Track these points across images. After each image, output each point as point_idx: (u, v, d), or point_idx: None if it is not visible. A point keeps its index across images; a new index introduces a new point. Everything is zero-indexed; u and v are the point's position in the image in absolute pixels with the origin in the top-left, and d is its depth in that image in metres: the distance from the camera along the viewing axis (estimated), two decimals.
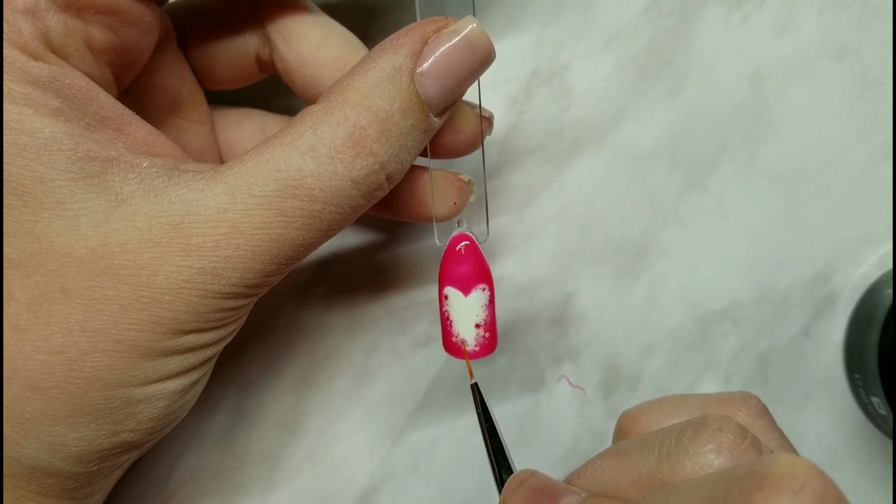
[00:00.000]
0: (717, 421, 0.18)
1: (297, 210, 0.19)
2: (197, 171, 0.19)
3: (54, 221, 0.18)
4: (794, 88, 0.31)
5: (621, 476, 0.19)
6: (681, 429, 0.19)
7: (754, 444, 0.18)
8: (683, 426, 0.19)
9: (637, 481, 0.19)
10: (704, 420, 0.18)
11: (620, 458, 0.19)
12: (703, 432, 0.18)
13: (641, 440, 0.19)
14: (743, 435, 0.18)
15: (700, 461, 0.18)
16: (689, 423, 0.19)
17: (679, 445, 0.18)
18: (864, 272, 0.31)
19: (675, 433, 0.19)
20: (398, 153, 0.20)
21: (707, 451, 0.18)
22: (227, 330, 0.21)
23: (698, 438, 0.18)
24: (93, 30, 0.20)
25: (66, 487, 0.21)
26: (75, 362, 0.19)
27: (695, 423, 0.19)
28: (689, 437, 0.18)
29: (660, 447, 0.18)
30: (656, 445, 0.19)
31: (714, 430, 0.18)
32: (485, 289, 0.24)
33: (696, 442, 0.18)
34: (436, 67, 0.20)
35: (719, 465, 0.18)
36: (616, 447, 0.20)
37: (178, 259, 0.19)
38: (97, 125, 0.19)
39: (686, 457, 0.18)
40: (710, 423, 0.18)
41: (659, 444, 0.19)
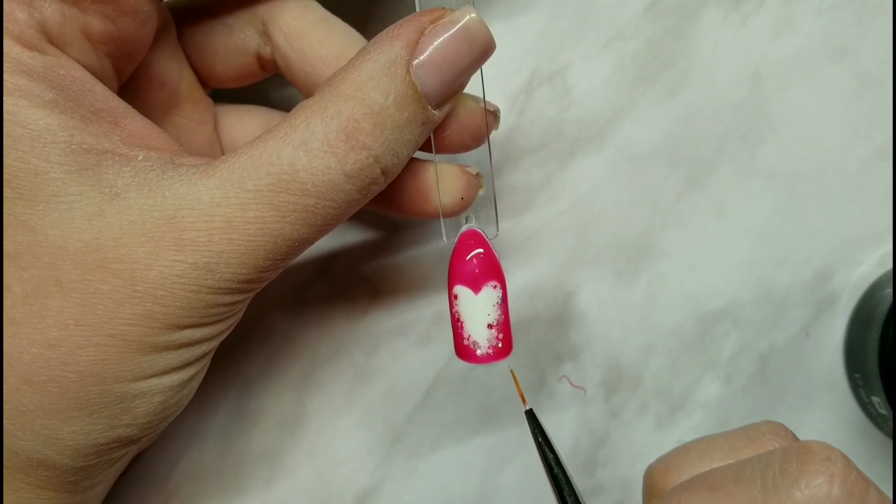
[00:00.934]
0: (823, 450, 0.18)
1: (290, 204, 0.19)
2: (191, 165, 0.19)
3: (49, 214, 0.18)
4: (794, 89, 0.31)
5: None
6: (781, 458, 0.18)
7: (861, 476, 0.17)
8: (783, 456, 0.18)
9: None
10: (808, 449, 0.18)
11: (714, 492, 0.18)
12: (811, 462, 0.17)
13: (734, 471, 0.18)
14: (849, 465, 0.17)
15: (814, 493, 0.17)
16: (789, 453, 0.18)
17: (787, 477, 0.17)
18: (864, 272, 0.32)
19: (776, 463, 0.18)
20: (394, 147, 0.20)
21: (821, 484, 0.17)
22: (224, 325, 0.21)
23: (808, 469, 0.17)
24: (90, 19, 0.19)
25: (64, 480, 0.21)
26: (70, 356, 0.19)
27: (798, 453, 0.18)
28: (796, 468, 0.17)
29: (762, 479, 0.18)
30: (758, 477, 0.18)
31: (823, 460, 0.17)
32: (496, 286, 0.23)
33: (807, 473, 0.17)
34: (433, 58, 0.20)
35: (835, 496, 0.17)
36: (703, 480, 0.19)
37: (172, 254, 0.19)
38: (92, 117, 0.19)
39: (797, 489, 0.17)
40: (817, 451, 0.18)
41: (761, 475, 0.18)
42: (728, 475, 0.18)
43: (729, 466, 0.19)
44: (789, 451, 0.18)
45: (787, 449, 0.18)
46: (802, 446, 0.18)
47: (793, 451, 0.18)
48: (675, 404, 0.31)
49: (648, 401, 0.31)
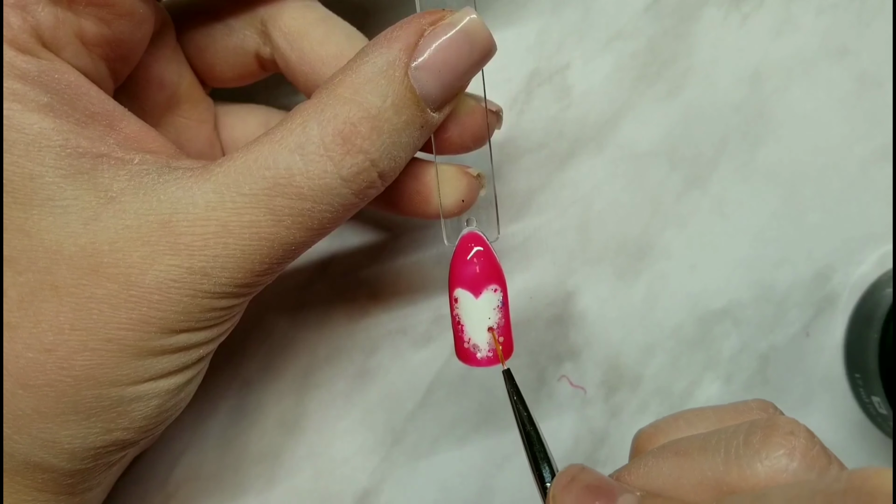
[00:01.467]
0: (786, 424, 0.18)
1: (286, 208, 0.19)
2: (187, 169, 0.19)
3: (44, 218, 0.18)
4: (794, 89, 0.31)
5: (682, 477, 0.18)
6: (747, 430, 0.18)
7: (824, 450, 0.17)
8: (749, 428, 0.18)
9: (700, 483, 0.18)
10: (773, 422, 0.18)
11: (680, 458, 0.19)
12: (774, 435, 0.18)
13: (701, 440, 0.19)
14: (813, 440, 0.18)
15: (774, 465, 0.17)
16: (755, 425, 0.18)
17: (749, 448, 0.18)
18: (863, 271, 0.32)
19: (741, 434, 0.18)
20: (391, 150, 0.20)
21: (781, 456, 0.17)
22: (220, 329, 0.21)
23: (770, 441, 0.17)
24: (84, 22, 0.19)
25: (62, 483, 0.21)
26: (66, 361, 0.19)
27: (763, 426, 0.18)
28: (759, 440, 0.18)
29: (727, 449, 0.18)
30: (721, 447, 0.18)
31: (786, 434, 0.18)
32: (497, 290, 0.23)
33: (769, 445, 0.17)
34: (432, 61, 0.20)
35: (794, 469, 0.17)
36: (672, 446, 0.19)
37: (167, 258, 0.18)
38: (87, 121, 0.19)
39: (758, 460, 0.17)
40: (781, 426, 0.18)
41: (725, 445, 0.18)
42: (695, 443, 0.19)
43: (698, 435, 0.19)
44: (755, 424, 0.18)
45: (754, 422, 0.18)
46: (769, 420, 0.18)
47: (758, 424, 0.18)
48: (676, 404, 0.31)
49: (648, 400, 0.31)
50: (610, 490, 0.18)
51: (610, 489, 0.18)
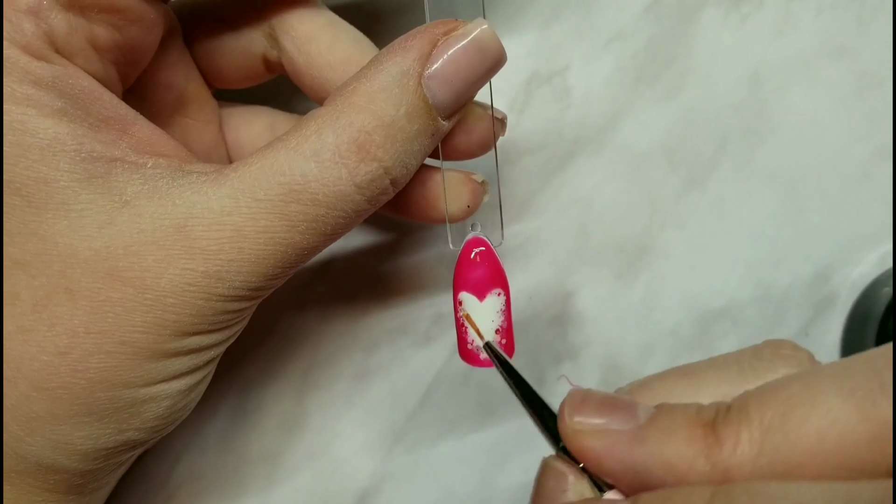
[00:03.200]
0: (788, 342, 0.18)
1: (301, 214, 0.19)
2: (201, 173, 0.19)
3: (59, 222, 0.18)
4: (793, 89, 0.31)
5: (697, 394, 0.18)
6: (755, 349, 0.18)
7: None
8: (756, 348, 0.18)
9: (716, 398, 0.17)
10: (777, 341, 0.18)
11: (689, 377, 0.18)
12: (783, 348, 0.18)
13: (707, 363, 0.18)
14: (814, 357, 0.18)
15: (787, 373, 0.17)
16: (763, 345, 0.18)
17: (762, 360, 0.18)
18: (863, 271, 0.32)
19: (748, 353, 0.18)
20: (403, 158, 0.20)
21: (793, 366, 0.17)
22: (231, 331, 0.21)
23: (782, 353, 0.18)
24: (97, 28, 0.20)
25: (72, 483, 0.21)
26: (80, 363, 0.19)
27: (770, 344, 0.18)
28: (770, 353, 0.18)
29: (738, 364, 0.18)
30: (732, 363, 0.18)
31: (792, 348, 0.18)
32: (500, 293, 0.24)
33: (781, 357, 0.18)
34: (444, 71, 0.20)
35: None
36: (675, 370, 0.19)
37: (182, 262, 0.19)
38: (101, 125, 0.19)
39: (773, 371, 0.17)
40: (785, 343, 0.18)
41: (735, 362, 0.18)
42: (702, 365, 0.19)
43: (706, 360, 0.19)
44: (763, 345, 0.18)
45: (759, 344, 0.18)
46: (774, 341, 0.18)
47: (762, 345, 0.18)
48: None
49: None
50: (628, 402, 0.18)
51: (627, 401, 0.18)
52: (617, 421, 0.17)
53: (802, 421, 0.15)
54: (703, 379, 0.18)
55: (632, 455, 0.16)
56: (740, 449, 0.15)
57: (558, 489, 0.18)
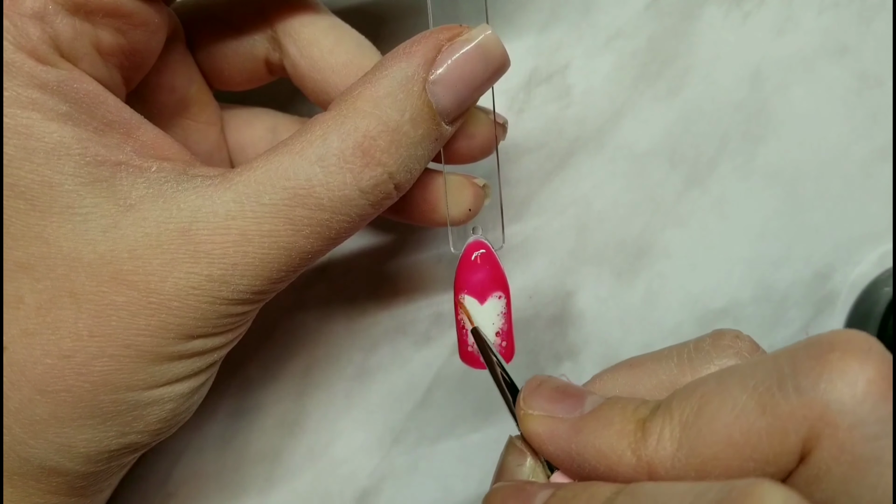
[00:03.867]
0: (730, 332, 0.19)
1: (305, 219, 0.19)
2: (206, 177, 0.19)
3: (63, 226, 0.18)
4: (794, 88, 0.31)
5: (637, 384, 0.19)
6: (696, 340, 0.19)
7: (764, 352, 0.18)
8: (698, 339, 0.19)
9: (656, 387, 0.19)
10: (719, 331, 0.19)
11: (634, 369, 0.19)
12: (723, 339, 0.19)
13: (653, 354, 0.20)
14: (755, 345, 0.19)
15: (725, 364, 0.18)
16: (704, 336, 0.19)
17: (700, 352, 0.19)
18: (862, 271, 0.32)
19: (690, 344, 0.19)
20: (407, 163, 0.20)
21: (730, 356, 0.18)
22: (234, 334, 0.21)
23: (720, 344, 0.19)
24: (101, 33, 0.19)
25: (75, 486, 0.21)
26: (84, 367, 0.19)
27: (711, 335, 0.19)
28: (709, 345, 0.19)
29: (678, 355, 0.19)
30: (674, 354, 0.19)
31: (733, 338, 0.19)
32: (501, 296, 0.24)
33: (718, 347, 0.18)
34: (448, 76, 0.20)
35: None
36: (625, 362, 0.20)
37: (187, 266, 0.19)
38: (105, 129, 0.19)
39: (709, 361, 0.18)
40: (726, 333, 0.19)
41: (677, 354, 0.19)
42: (647, 356, 0.20)
43: (650, 353, 0.20)
44: (704, 336, 0.19)
45: (702, 336, 0.19)
46: (715, 331, 0.19)
47: (707, 335, 0.19)
48: None
49: None
50: (577, 392, 0.19)
51: (577, 391, 0.19)
52: (563, 409, 0.19)
53: (713, 416, 0.16)
54: (645, 370, 0.19)
55: (569, 442, 0.18)
56: (661, 444, 0.16)
57: (515, 463, 0.20)
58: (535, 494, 0.18)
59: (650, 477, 0.16)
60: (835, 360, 0.15)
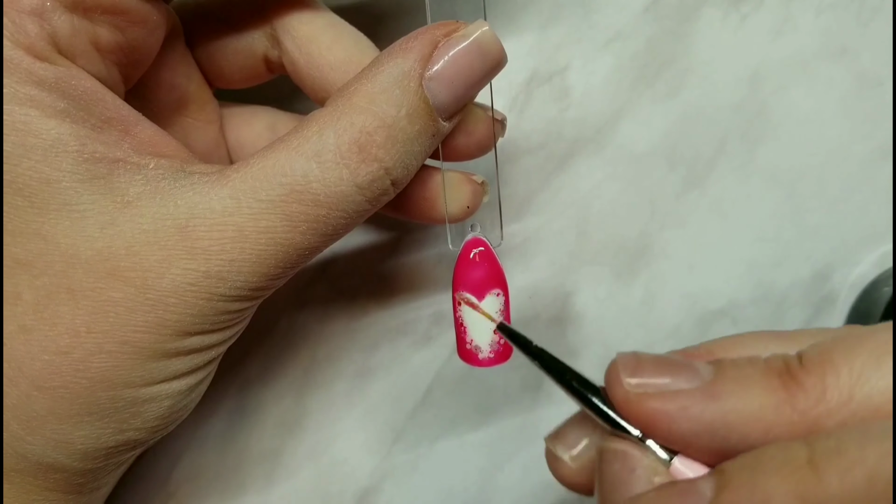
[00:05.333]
0: None
1: (302, 215, 0.19)
2: (203, 174, 0.19)
3: (61, 222, 0.18)
4: (793, 89, 0.31)
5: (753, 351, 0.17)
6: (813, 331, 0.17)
7: None
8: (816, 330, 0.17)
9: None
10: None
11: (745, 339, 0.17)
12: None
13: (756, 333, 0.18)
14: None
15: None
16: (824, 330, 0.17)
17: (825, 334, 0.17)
18: (862, 271, 0.32)
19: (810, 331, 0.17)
20: (404, 159, 0.20)
21: None
22: (232, 331, 0.21)
23: None
24: (100, 30, 0.20)
25: (72, 482, 0.21)
26: (81, 363, 0.19)
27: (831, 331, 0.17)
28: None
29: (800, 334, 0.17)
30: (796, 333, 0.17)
31: None
32: (499, 294, 0.24)
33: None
34: (445, 72, 0.20)
35: None
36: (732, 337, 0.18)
37: (184, 262, 0.19)
38: (103, 126, 0.19)
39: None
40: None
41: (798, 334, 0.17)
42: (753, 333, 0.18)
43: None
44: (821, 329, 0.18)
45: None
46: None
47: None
48: None
49: None
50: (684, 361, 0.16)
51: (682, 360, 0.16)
52: (682, 380, 0.16)
53: (881, 360, 0.14)
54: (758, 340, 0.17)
55: (709, 412, 0.15)
56: (829, 395, 0.15)
57: (626, 471, 0.16)
58: (695, 490, 0.15)
59: (815, 433, 0.14)
60: None
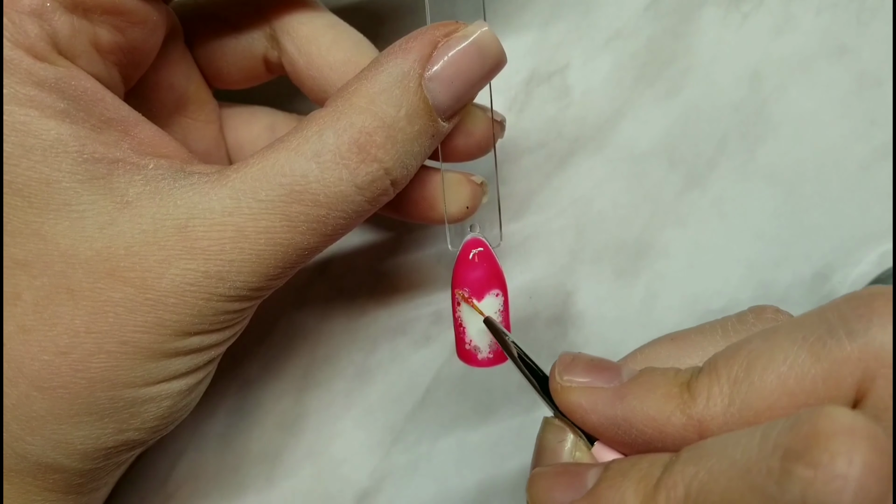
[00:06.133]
0: (770, 307, 0.19)
1: (301, 215, 0.19)
2: (202, 174, 0.20)
3: (60, 223, 0.18)
4: (793, 88, 0.31)
5: (682, 356, 0.19)
6: (737, 315, 0.19)
7: None
8: (740, 314, 0.19)
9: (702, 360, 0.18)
10: (759, 307, 0.19)
11: (678, 342, 0.20)
12: (765, 312, 0.19)
13: (695, 329, 0.20)
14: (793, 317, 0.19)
15: None
16: (744, 312, 0.20)
17: (744, 324, 0.19)
18: (862, 271, 0.32)
19: (732, 318, 0.19)
20: (404, 159, 0.20)
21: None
22: (232, 331, 0.21)
23: (763, 317, 0.19)
24: (99, 30, 0.20)
25: (72, 483, 0.21)
26: (81, 363, 0.19)
27: (752, 308, 0.19)
28: (753, 317, 0.19)
29: (723, 328, 0.19)
30: (717, 328, 0.19)
31: (774, 311, 0.19)
32: (498, 294, 0.24)
33: (763, 319, 0.19)
34: (444, 72, 0.20)
35: None
36: (665, 337, 0.20)
37: (183, 262, 0.19)
38: (103, 126, 0.19)
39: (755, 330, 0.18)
40: (766, 307, 0.19)
41: (721, 326, 0.19)
42: (689, 331, 0.20)
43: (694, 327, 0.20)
44: (743, 311, 0.20)
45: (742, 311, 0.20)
46: (756, 307, 0.20)
47: (747, 311, 0.20)
48: None
49: None
50: (612, 364, 0.19)
51: (612, 364, 0.19)
52: (601, 380, 0.19)
53: (764, 370, 0.16)
54: (689, 342, 0.19)
55: (613, 409, 0.18)
56: (712, 401, 0.17)
57: (556, 440, 0.20)
58: (584, 474, 0.18)
59: (701, 435, 0.17)
60: (881, 307, 0.16)
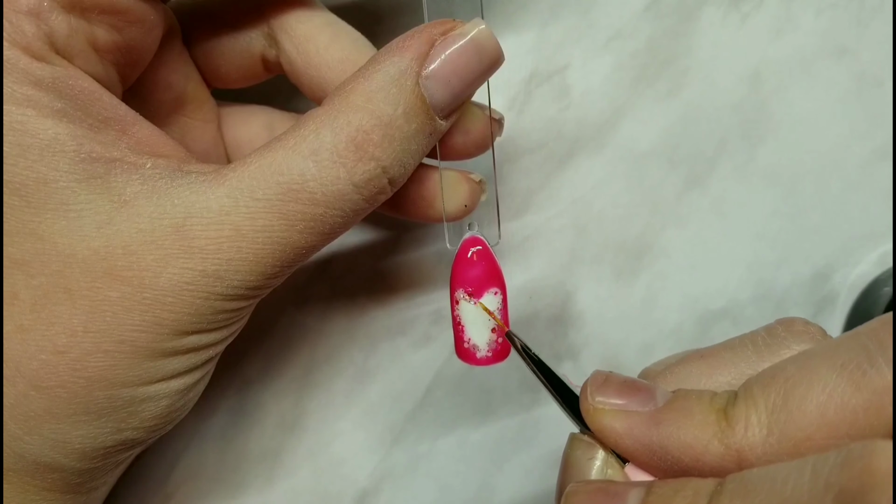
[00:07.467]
0: (799, 319, 0.19)
1: (299, 214, 0.19)
2: (200, 173, 0.19)
3: (57, 222, 0.18)
4: (793, 88, 0.31)
5: (714, 374, 0.19)
6: (768, 328, 0.19)
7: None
8: (769, 327, 0.19)
9: (736, 378, 0.18)
10: (788, 319, 0.19)
11: (708, 360, 0.19)
12: (794, 325, 0.19)
13: (724, 344, 0.20)
14: (824, 331, 0.19)
15: (802, 349, 0.18)
16: (776, 324, 0.19)
17: (776, 339, 0.19)
18: (862, 271, 0.32)
19: (761, 332, 0.19)
20: (401, 157, 0.20)
21: (807, 341, 0.18)
22: (230, 330, 0.21)
23: (794, 330, 0.19)
24: (97, 30, 0.20)
25: (70, 482, 0.21)
26: (79, 362, 0.19)
27: (779, 323, 0.19)
28: (783, 331, 0.19)
29: (753, 344, 0.19)
30: (748, 343, 0.19)
31: (804, 324, 0.19)
32: (497, 292, 0.24)
33: (794, 333, 0.19)
34: (442, 70, 0.20)
35: None
36: (693, 353, 0.20)
37: (181, 261, 0.19)
38: (100, 126, 0.19)
39: (787, 347, 0.18)
40: (796, 320, 0.19)
41: (751, 342, 0.19)
42: (718, 347, 0.20)
43: (721, 343, 0.20)
44: (772, 324, 0.19)
45: (771, 324, 0.20)
46: (784, 319, 0.20)
47: (775, 323, 0.19)
48: None
49: None
50: (646, 386, 0.18)
51: (646, 385, 0.19)
52: (636, 402, 0.18)
53: (803, 399, 0.16)
54: (720, 360, 0.19)
55: (649, 435, 0.17)
56: (751, 431, 0.16)
57: (585, 458, 0.19)
58: (624, 495, 0.17)
59: (739, 465, 0.16)
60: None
